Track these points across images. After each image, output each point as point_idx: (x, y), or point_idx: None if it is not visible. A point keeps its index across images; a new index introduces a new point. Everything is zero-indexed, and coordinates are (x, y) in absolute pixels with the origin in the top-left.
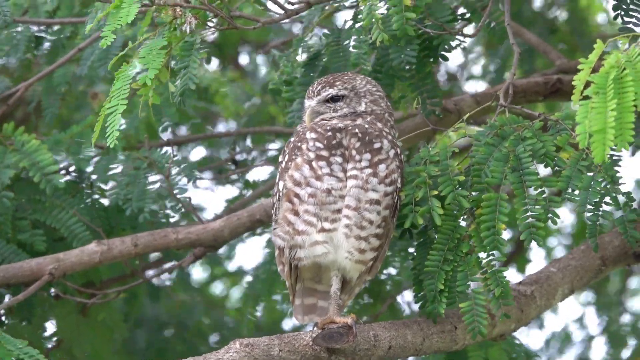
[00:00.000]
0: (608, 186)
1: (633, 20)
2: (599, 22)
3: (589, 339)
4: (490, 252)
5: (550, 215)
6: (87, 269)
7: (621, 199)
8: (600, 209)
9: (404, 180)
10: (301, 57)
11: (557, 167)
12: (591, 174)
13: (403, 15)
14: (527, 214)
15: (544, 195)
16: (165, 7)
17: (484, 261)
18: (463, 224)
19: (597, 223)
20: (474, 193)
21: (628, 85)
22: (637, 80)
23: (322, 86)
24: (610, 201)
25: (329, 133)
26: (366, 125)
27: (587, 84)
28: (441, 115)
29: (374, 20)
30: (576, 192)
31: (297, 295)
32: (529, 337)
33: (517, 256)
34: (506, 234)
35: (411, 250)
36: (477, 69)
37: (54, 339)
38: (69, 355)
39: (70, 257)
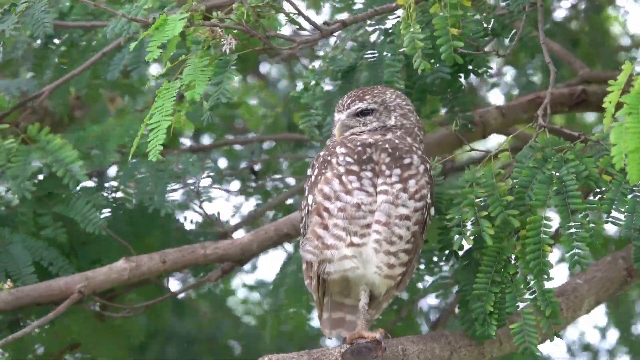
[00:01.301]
0: None
1: None
2: (616, 32)
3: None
4: (537, 276)
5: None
6: (115, 285)
7: None
8: None
9: (446, 202)
10: (332, 68)
11: (598, 190)
12: (634, 196)
13: (451, 45)
14: (573, 237)
15: (588, 219)
16: (204, 27)
17: (532, 282)
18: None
19: None
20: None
21: None
22: None
23: (351, 100)
24: None
25: (359, 148)
26: (396, 141)
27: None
28: (474, 129)
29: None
30: (620, 215)
31: (324, 309)
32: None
33: None
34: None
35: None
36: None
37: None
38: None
39: (99, 275)
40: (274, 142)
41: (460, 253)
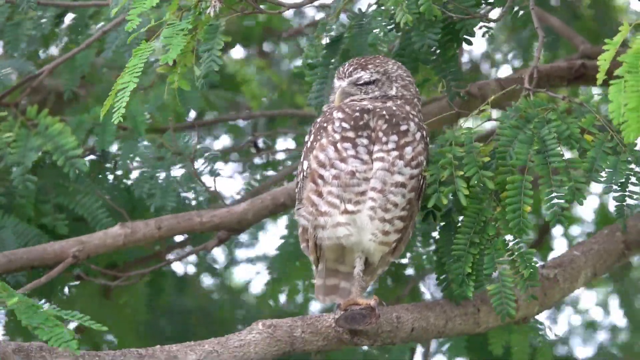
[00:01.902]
0: (634, 167)
1: None
2: (620, 6)
3: (613, 327)
4: (517, 235)
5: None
6: (110, 251)
7: None
8: (627, 189)
9: (429, 161)
10: (325, 41)
11: (582, 149)
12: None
13: None
14: (553, 195)
15: (570, 177)
16: None
17: (510, 243)
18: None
19: (624, 204)
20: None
21: None
22: None
23: (354, 68)
24: (637, 181)
25: (357, 113)
26: (394, 108)
27: (611, 66)
28: (466, 97)
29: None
30: (602, 173)
31: (319, 275)
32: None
33: (540, 244)
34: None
35: (434, 234)
36: (500, 56)
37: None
38: (91, 337)
39: (94, 240)
40: (276, 118)
41: (440, 213)
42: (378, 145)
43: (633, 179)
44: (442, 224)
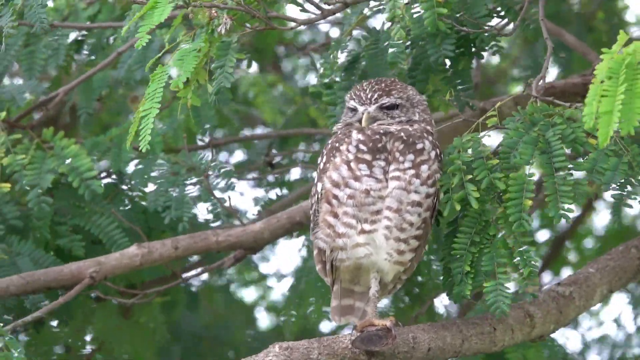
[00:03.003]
0: (635, 169)
1: None
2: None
3: (627, 338)
4: (516, 230)
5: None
6: (127, 272)
7: None
8: (626, 189)
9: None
10: (340, 59)
11: (586, 153)
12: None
13: (435, 11)
14: (557, 192)
15: (572, 178)
16: (202, 9)
17: (511, 242)
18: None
19: (622, 202)
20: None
21: None
22: None
23: (378, 94)
24: (637, 183)
25: (376, 136)
26: (410, 128)
27: None
28: (475, 108)
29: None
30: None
31: (334, 296)
32: (568, 340)
33: (554, 260)
34: (543, 235)
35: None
36: (514, 73)
37: (92, 344)
38: (110, 357)
39: (111, 261)
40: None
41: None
42: (394, 165)
43: (633, 180)
44: (448, 230)
